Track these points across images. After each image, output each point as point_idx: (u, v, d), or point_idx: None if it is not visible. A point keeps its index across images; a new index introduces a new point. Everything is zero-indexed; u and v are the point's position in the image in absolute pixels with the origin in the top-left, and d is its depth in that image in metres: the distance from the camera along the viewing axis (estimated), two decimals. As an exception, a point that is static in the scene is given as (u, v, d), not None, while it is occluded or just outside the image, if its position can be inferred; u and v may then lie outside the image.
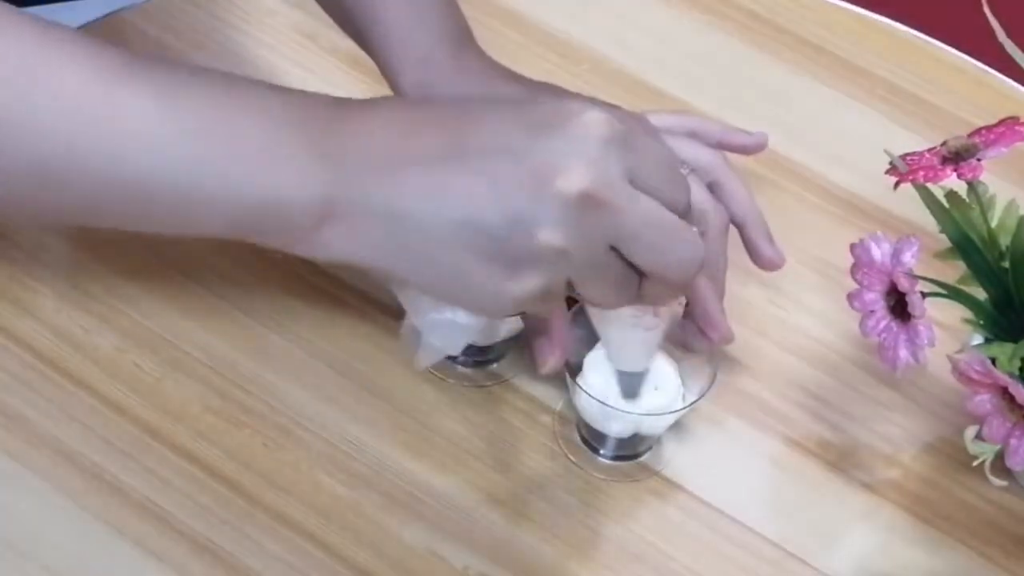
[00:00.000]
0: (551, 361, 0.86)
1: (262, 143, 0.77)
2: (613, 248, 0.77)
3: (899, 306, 0.88)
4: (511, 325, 0.93)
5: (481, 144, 0.77)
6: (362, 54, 1.00)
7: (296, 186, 0.77)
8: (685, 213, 0.79)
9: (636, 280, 0.79)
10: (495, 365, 0.95)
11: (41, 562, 0.86)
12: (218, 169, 0.77)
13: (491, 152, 0.76)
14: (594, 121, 0.76)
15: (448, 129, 0.78)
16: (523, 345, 0.95)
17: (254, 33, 1.09)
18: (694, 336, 0.91)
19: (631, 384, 0.89)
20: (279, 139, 0.78)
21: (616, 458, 0.92)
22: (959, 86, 1.13)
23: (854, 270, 0.89)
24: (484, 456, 0.92)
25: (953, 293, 0.89)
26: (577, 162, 0.75)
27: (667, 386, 0.91)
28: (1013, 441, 0.85)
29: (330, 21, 1.09)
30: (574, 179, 0.75)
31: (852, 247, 0.89)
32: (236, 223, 0.79)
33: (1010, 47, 0.87)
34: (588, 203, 0.75)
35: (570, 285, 0.79)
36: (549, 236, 0.75)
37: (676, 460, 0.93)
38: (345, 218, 0.77)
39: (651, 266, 0.78)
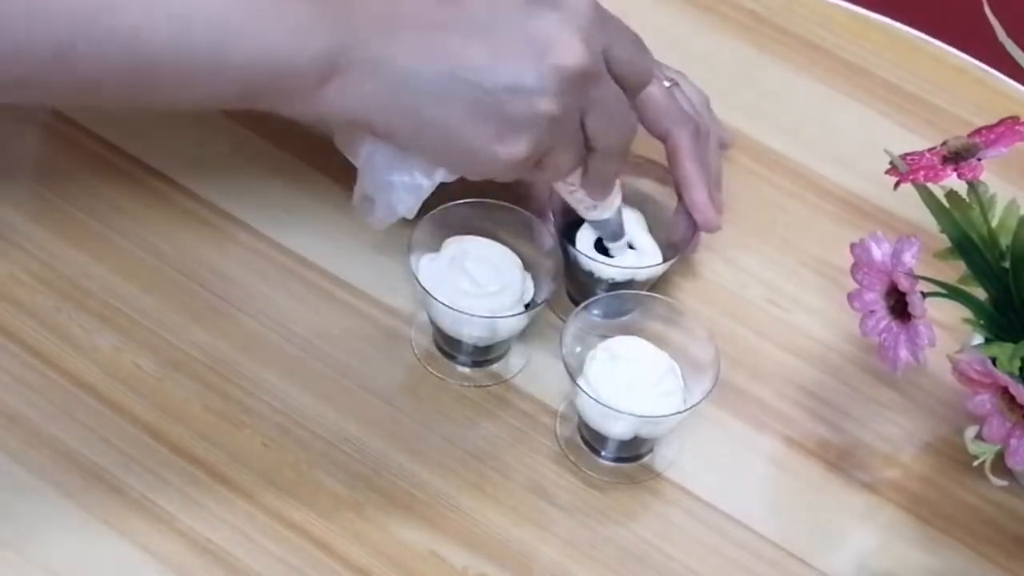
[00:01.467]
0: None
1: (266, 7, 0.80)
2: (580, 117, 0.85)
3: (899, 306, 0.88)
4: (511, 325, 0.93)
5: (483, 10, 0.82)
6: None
7: (300, 47, 0.80)
8: (649, 80, 0.88)
9: (589, 150, 0.87)
10: (495, 365, 0.95)
11: (41, 562, 0.86)
12: (225, 36, 0.79)
13: (488, 20, 0.82)
14: (587, 2, 0.83)
15: None
16: (523, 345, 0.96)
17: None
18: (682, 220, 0.97)
19: (610, 231, 0.94)
20: (283, 3, 0.80)
21: (617, 459, 0.92)
22: (959, 86, 1.13)
23: (854, 270, 0.89)
24: (484, 456, 0.92)
25: (953, 293, 0.89)
26: (574, 37, 0.82)
27: (670, 387, 0.91)
28: (1013, 441, 0.85)
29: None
30: (575, 54, 0.82)
31: (852, 247, 0.89)
32: (245, 88, 0.81)
33: (1010, 47, 0.87)
34: (581, 77, 0.82)
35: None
36: (545, 105, 0.82)
37: (677, 461, 0.93)
38: (344, 76, 0.81)
39: (602, 137, 0.86)
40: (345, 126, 0.89)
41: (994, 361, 0.86)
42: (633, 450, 0.92)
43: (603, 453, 0.92)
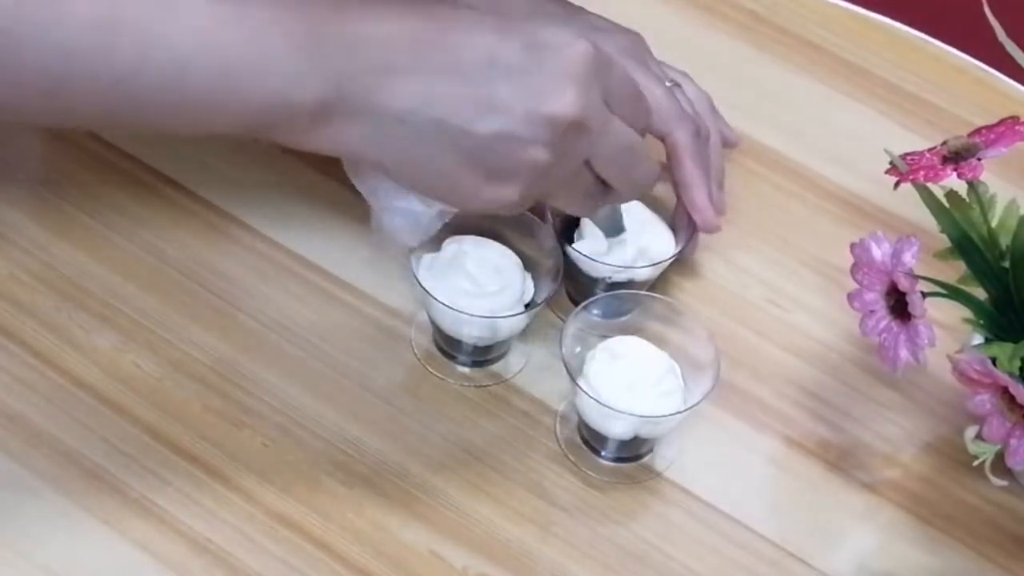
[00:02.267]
0: None
1: (264, 52, 0.80)
2: (586, 163, 0.84)
3: (899, 306, 0.88)
4: (511, 325, 0.93)
5: (477, 58, 0.81)
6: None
7: (297, 93, 0.80)
8: (644, 133, 0.87)
9: (603, 191, 0.87)
10: (495, 365, 0.95)
11: (41, 562, 0.86)
12: (222, 80, 0.79)
13: (486, 67, 0.81)
14: (583, 51, 0.82)
15: (446, 40, 0.82)
16: (523, 345, 0.96)
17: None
18: (681, 220, 0.97)
19: (607, 227, 0.94)
20: (282, 43, 0.80)
21: (617, 459, 0.92)
22: (959, 86, 1.13)
23: (854, 270, 0.89)
24: (484, 456, 0.92)
25: (953, 293, 0.89)
26: (568, 88, 0.81)
27: (670, 387, 0.90)
28: (1013, 441, 0.85)
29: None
30: (566, 104, 0.81)
31: (852, 247, 0.89)
32: (241, 127, 0.82)
33: (1010, 47, 0.87)
34: (574, 127, 0.82)
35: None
36: (535, 154, 0.82)
37: (677, 461, 0.93)
38: (342, 116, 0.81)
39: (617, 181, 0.86)
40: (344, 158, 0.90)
41: (994, 361, 0.86)
42: (633, 450, 0.92)
43: (603, 453, 0.92)
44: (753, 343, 0.98)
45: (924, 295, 0.86)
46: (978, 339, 0.90)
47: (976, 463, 0.87)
